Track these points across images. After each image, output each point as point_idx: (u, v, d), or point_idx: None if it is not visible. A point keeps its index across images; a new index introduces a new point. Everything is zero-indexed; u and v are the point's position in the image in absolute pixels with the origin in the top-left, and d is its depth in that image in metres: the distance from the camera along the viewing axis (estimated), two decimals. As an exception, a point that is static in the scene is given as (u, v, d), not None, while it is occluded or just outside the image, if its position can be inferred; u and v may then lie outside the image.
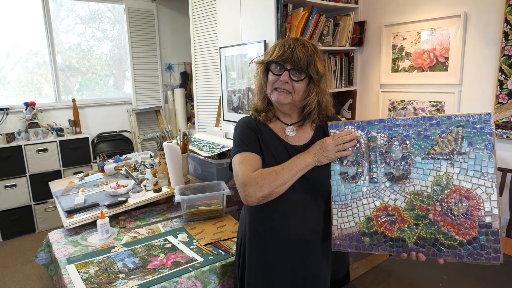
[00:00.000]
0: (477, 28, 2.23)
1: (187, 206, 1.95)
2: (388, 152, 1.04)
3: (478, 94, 2.28)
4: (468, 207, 0.95)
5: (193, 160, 2.66)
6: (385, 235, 1.01)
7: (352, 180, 1.06)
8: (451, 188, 0.97)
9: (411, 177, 1.01)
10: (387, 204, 1.02)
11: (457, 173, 0.96)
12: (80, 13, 4.03)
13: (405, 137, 1.02)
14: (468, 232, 0.94)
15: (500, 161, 2.21)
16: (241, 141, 1.21)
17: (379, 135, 1.05)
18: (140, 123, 4.42)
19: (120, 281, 1.38)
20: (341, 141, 1.07)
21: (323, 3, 2.57)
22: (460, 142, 0.97)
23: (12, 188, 3.36)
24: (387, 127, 1.04)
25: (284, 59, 1.13)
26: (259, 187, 1.07)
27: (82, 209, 1.98)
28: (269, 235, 1.21)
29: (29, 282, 2.63)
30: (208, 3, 2.92)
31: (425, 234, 0.98)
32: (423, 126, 1.01)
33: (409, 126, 1.02)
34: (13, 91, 3.70)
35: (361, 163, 1.06)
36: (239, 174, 1.12)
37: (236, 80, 2.67)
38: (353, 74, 2.97)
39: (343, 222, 1.05)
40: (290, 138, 1.22)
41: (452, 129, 0.98)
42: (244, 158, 1.16)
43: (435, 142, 0.99)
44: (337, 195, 1.07)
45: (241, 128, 1.25)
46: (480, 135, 0.96)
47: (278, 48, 1.14)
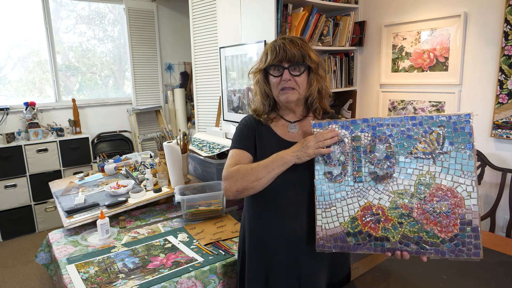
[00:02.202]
0: (477, 28, 2.23)
1: (187, 206, 1.95)
2: (372, 151, 1.04)
3: (478, 94, 2.28)
4: (450, 205, 0.97)
5: (193, 160, 2.66)
6: (370, 234, 1.01)
7: (336, 180, 1.06)
8: (433, 187, 0.99)
9: (395, 176, 1.02)
10: (372, 203, 1.03)
11: (439, 172, 0.99)
12: (80, 13, 4.03)
13: (388, 137, 1.03)
14: (450, 230, 0.97)
15: (500, 161, 2.21)
16: (236, 139, 1.26)
17: (363, 135, 1.05)
18: (140, 123, 4.42)
19: (120, 281, 1.38)
20: (321, 138, 1.07)
21: (323, 3, 2.57)
22: (441, 142, 1.00)
23: (12, 188, 3.36)
24: (371, 126, 1.05)
25: (280, 59, 1.15)
26: (233, 181, 1.12)
27: (82, 209, 1.98)
28: (266, 232, 1.23)
29: (29, 282, 2.63)
30: (208, 3, 2.92)
31: (409, 233, 0.99)
32: (406, 126, 1.02)
33: (393, 126, 1.03)
34: (13, 91, 3.71)
35: (346, 162, 1.06)
36: (224, 169, 1.18)
37: (236, 80, 2.67)
38: (353, 74, 2.97)
39: (327, 222, 1.04)
40: (291, 135, 1.24)
41: (434, 129, 1.01)
42: (232, 154, 1.22)
43: (418, 141, 1.01)
44: (321, 195, 1.06)
45: (240, 126, 1.29)
46: (461, 135, 1.00)
47: (270, 52, 1.18)
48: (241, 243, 1.37)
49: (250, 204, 1.29)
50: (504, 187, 2.12)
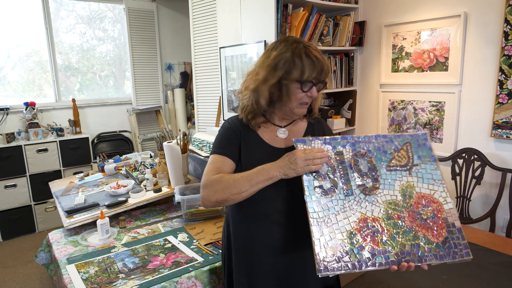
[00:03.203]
0: (477, 28, 2.23)
1: (187, 206, 1.95)
2: (356, 165, 1.08)
3: (478, 94, 2.28)
4: (434, 211, 1.03)
5: (193, 160, 2.66)
6: (372, 248, 0.99)
7: (328, 193, 1.04)
8: (415, 195, 1.06)
9: (381, 187, 1.06)
10: (366, 215, 1.02)
11: (416, 182, 1.07)
12: (80, 13, 4.03)
13: (367, 152, 1.10)
14: (440, 233, 1.01)
15: (500, 161, 2.21)
16: (218, 143, 1.19)
17: (344, 150, 1.09)
18: (140, 123, 4.42)
19: (120, 281, 1.38)
20: (311, 157, 1.03)
21: (323, 3, 2.57)
22: (411, 156, 1.10)
23: (12, 188, 3.36)
24: (349, 142, 1.11)
25: (316, 76, 1.09)
26: (213, 191, 1.06)
27: (82, 209, 1.98)
28: (250, 239, 1.19)
29: (29, 282, 2.63)
30: (208, 3, 2.92)
31: (406, 242, 1.00)
32: (380, 143, 1.11)
33: (369, 143, 1.11)
34: (13, 91, 3.71)
35: (334, 176, 1.06)
36: (204, 176, 1.11)
37: (236, 80, 2.67)
38: (353, 74, 2.97)
39: (325, 240, 0.98)
40: (280, 141, 1.19)
41: (402, 146, 1.12)
42: (213, 160, 1.15)
43: (392, 156, 1.10)
44: (315, 211, 1.01)
45: (223, 130, 1.21)
46: (424, 150, 1.11)
47: (309, 65, 1.08)
48: (225, 251, 1.32)
49: (232, 211, 1.24)
50: (504, 187, 2.12)
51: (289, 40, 1.12)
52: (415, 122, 2.63)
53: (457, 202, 2.32)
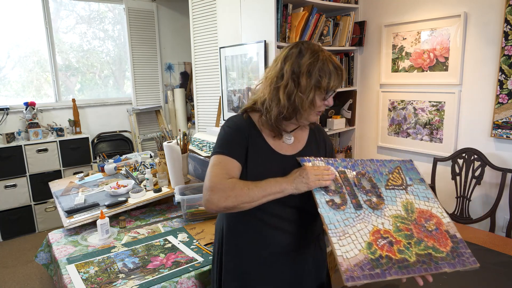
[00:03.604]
0: (477, 28, 2.23)
1: (187, 206, 1.95)
2: (360, 183, 1.14)
3: (478, 94, 2.28)
4: (435, 224, 1.09)
5: (193, 160, 2.66)
6: (390, 257, 1.00)
7: (340, 207, 1.07)
8: (416, 211, 1.11)
9: (386, 203, 1.11)
10: (378, 227, 1.06)
11: (413, 199, 1.14)
12: (80, 13, 4.03)
13: (367, 172, 1.17)
14: (446, 243, 1.05)
15: (500, 161, 2.21)
16: (225, 143, 1.14)
17: (347, 170, 1.16)
18: (140, 123, 4.42)
19: (120, 281, 1.38)
20: (320, 173, 1.07)
21: (323, 3, 2.57)
22: (404, 177, 1.19)
23: (12, 188, 3.36)
24: (349, 164, 1.18)
25: (337, 85, 1.11)
26: (225, 197, 1.02)
27: (82, 209, 1.98)
28: (247, 245, 1.17)
29: (29, 282, 2.63)
30: (208, 3, 2.92)
31: (420, 251, 1.02)
32: (375, 166, 1.20)
33: (365, 165, 1.19)
34: (13, 91, 3.71)
35: (342, 191, 1.10)
36: (209, 176, 1.07)
37: (236, 80, 2.67)
38: (353, 74, 2.97)
39: (346, 251, 1.01)
40: (285, 146, 1.18)
41: (394, 169, 1.21)
42: (221, 161, 1.11)
43: (387, 177, 1.18)
44: (331, 223, 1.04)
45: (230, 130, 1.16)
46: (413, 173, 1.21)
47: (335, 76, 1.09)
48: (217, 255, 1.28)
49: (229, 215, 1.21)
50: (504, 187, 2.12)
51: (313, 48, 1.10)
52: (415, 122, 2.63)
53: (457, 202, 2.32)
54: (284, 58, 1.12)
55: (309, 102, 1.09)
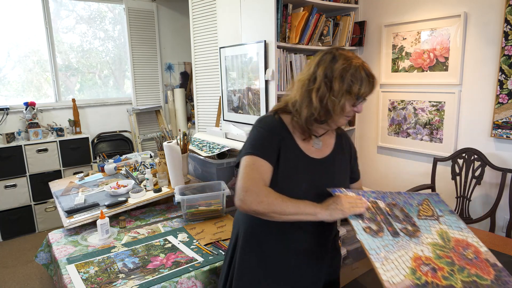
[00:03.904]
0: (477, 28, 2.23)
1: (187, 206, 1.95)
2: (392, 212, 1.14)
3: (478, 94, 2.28)
4: (474, 252, 1.07)
5: (193, 160, 2.66)
6: (437, 284, 0.99)
7: (378, 234, 1.08)
8: (452, 239, 1.10)
9: (422, 231, 1.10)
10: (418, 254, 1.04)
11: (447, 228, 1.14)
12: (80, 13, 4.03)
13: (397, 203, 1.18)
14: (489, 271, 1.02)
15: (500, 161, 2.21)
16: (258, 144, 1.14)
17: (378, 201, 1.17)
18: (140, 123, 4.41)
19: (120, 281, 1.38)
20: (353, 201, 1.10)
21: (323, 3, 2.57)
22: (433, 209, 1.20)
23: (12, 188, 3.36)
24: (379, 195, 1.19)
25: (368, 93, 1.14)
26: (258, 201, 1.04)
27: (82, 209, 1.98)
28: (269, 243, 1.19)
29: (29, 282, 2.63)
30: (208, 3, 2.92)
31: (464, 278, 1.01)
32: (404, 198, 1.21)
33: (395, 197, 1.20)
34: (13, 91, 3.70)
35: (377, 220, 1.11)
36: (244, 177, 1.08)
37: (236, 80, 2.67)
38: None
39: (391, 276, 1.00)
40: (314, 151, 1.21)
41: (422, 201, 1.22)
42: (254, 162, 1.11)
43: (418, 208, 1.18)
44: (371, 248, 1.04)
45: (263, 131, 1.16)
46: (442, 205, 1.21)
47: (367, 83, 1.12)
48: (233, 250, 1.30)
49: None
50: (504, 187, 2.12)
51: (347, 54, 1.12)
52: (415, 122, 2.63)
53: (457, 202, 2.32)
54: (317, 62, 1.14)
55: (341, 106, 1.10)
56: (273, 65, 2.29)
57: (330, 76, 1.09)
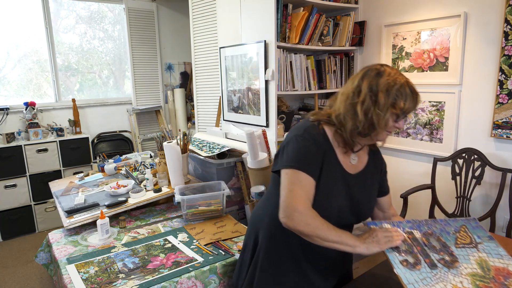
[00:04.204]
0: (477, 28, 2.23)
1: (187, 206, 1.95)
2: (429, 242, 1.13)
3: (478, 94, 2.28)
4: None
5: (193, 160, 2.66)
6: None
7: (415, 267, 1.07)
8: (492, 268, 1.07)
9: (460, 261, 1.08)
10: (457, 286, 1.03)
11: (487, 256, 1.11)
12: (80, 13, 4.03)
13: (433, 232, 1.16)
14: None
15: (500, 161, 2.21)
16: (304, 158, 1.13)
17: (413, 231, 1.16)
18: (140, 123, 4.41)
19: (120, 281, 1.38)
20: (389, 234, 1.11)
21: (323, 3, 2.57)
22: (471, 235, 1.16)
23: (12, 188, 3.36)
24: (415, 225, 1.18)
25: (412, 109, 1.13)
26: (305, 223, 1.06)
27: (82, 209, 1.98)
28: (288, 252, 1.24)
29: (29, 282, 2.63)
30: (208, 3, 2.92)
31: None
32: (440, 226, 1.19)
33: (431, 225, 1.18)
34: (13, 91, 3.70)
35: (413, 251, 1.10)
36: (292, 195, 1.09)
37: (236, 80, 2.67)
38: (353, 74, 2.97)
39: None
40: (351, 166, 1.22)
41: (459, 228, 1.19)
42: (301, 179, 1.11)
43: (455, 236, 1.16)
44: (409, 283, 1.03)
45: (308, 144, 1.15)
46: (480, 231, 1.18)
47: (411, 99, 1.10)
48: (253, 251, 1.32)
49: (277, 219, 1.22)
50: (504, 187, 2.12)
51: (392, 70, 1.12)
52: (415, 122, 2.63)
53: (457, 202, 2.32)
54: (362, 76, 1.14)
55: (385, 120, 1.10)
56: (273, 65, 2.29)
57: (375, 90, 1.09)
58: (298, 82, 2.56)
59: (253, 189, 2.06)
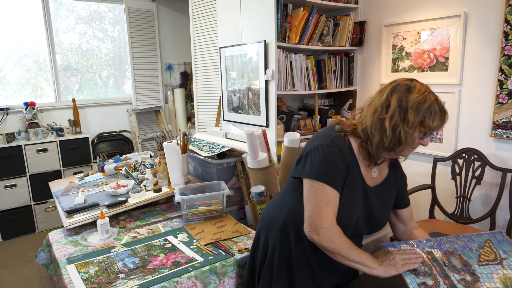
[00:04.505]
0: (477, 28, 2.23)
1: (187, 206, 1.95)
2: (449, 262, 1.10)
3: (478, 94, 2.28)
4: None
5: (193, 160, 2.66)
6: None
7: None
8: None
9: (482, 281, 1.06)
10: None
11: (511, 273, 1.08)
12: (80, 13, 4.03)
13: (454, 250, 1.14)
14: None
15: (500, 161, 2.21)
16: (330, 171, 1.13)
17: (433, 250, 1.14)
18: (140, 123, 4.41)
19: (120, 281, 1.38)
20: (407, 256, 1.11)
21: (323, 3, 2.57)
22: (496, 251, 1.13)
23: (12, 188, 3.36)
24: (435, 243, 1.16)
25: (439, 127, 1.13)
26: (330, 241, 1.09)
27: (82, 209, 1.98)
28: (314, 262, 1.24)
29: (29, 282, 2.63)
30: (208, 3, 2.92)
31: None
32: (463, 242, 1.16)
33: (452, 242, 1.16)
34: (13, 91, 3.70)
35: (433, 273, 1.08)
36: (319, 210, 1.10)
37: (236, 80, 2.67)
38: (353, 74, 2.97)
39: None
40: (371, 179, 1.23)
41: (484, 243, 1.16)
42: (327, 194, 1.11)
43: (478, 252, 1.13)
44: None
45: (335, 157, 1.14)
46: (506, 245, 1.14)
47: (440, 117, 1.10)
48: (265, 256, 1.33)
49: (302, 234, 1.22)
50: (504, 187, 2.12)
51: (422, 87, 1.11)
52: (415, 122, 2.63)
53: (457, 202, 2.31)
54: (391, 90, 1.13)
55: (412, 138, 1.10)
56: (273, 65, 2.29)
57: (405, 107, 1.09)
58: (298, 82, 2.56)
59: (253, 189, 2.06)
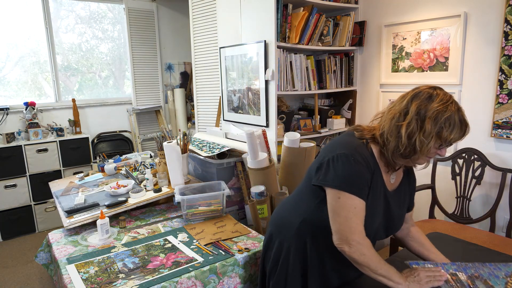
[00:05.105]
0: (477, 28, 2.23)
1: (187, 206, 1.95)
2: (475, 285, 1.09)
3: (478, 94, 2.28)
4: None
5: (193, 160, 2.66)
6: None
7: None
8: None
9: None
10: None
11: None
12: (80, 13, 4.03)
13: (480, 275, 1.13)
14: None
15: (500, 161, 2.21)
16: (357, 182, 1.12)
17: (458, 273, 1.13)
18: (140, 123, 4.41)
19: (120, 281, 1.38)
20: (432, 274, 1.11)
21: (323, 3, 2.57)
22: None
23: (12, 188, 3.36)
24: (460, 267, 1.15)
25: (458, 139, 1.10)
26: (359, 253, 1.10)
27: (82, 209, 1.98)
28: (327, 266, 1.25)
29: (29, 282, 2.63)
30: (208, 3, 2.92)
31: None
32: (489, 269, 1.15)
33: (478, 268, 1.15)
34: (13, 91, 3.70)
35: None
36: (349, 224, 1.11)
37: (236, 80, 2.67)
38: (353, 74, 2.97)
39: None
40: (389, 183, 1.23)
41: (511, 272, 1.14)
42: (356, 205, 1.11)
43: (506, 280, 1.11)
44: None
45: (361, 167, 1.13)
46: None
47: (458, 129, 1.07)
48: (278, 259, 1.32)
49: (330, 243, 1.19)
50: (504, 187, 2.12)
51: (445, 96, 1.09)
52: (415, 122, 2.63)
53: (457, 202, 2.32)
54: (412, 97, 1.11)
55: (428, 148, 1.08)
56: (273, 65, 2.29)
57: (423, 115, 1.06)
58: (298, 82, 2.56)
59: (253, 189, 2.06)
